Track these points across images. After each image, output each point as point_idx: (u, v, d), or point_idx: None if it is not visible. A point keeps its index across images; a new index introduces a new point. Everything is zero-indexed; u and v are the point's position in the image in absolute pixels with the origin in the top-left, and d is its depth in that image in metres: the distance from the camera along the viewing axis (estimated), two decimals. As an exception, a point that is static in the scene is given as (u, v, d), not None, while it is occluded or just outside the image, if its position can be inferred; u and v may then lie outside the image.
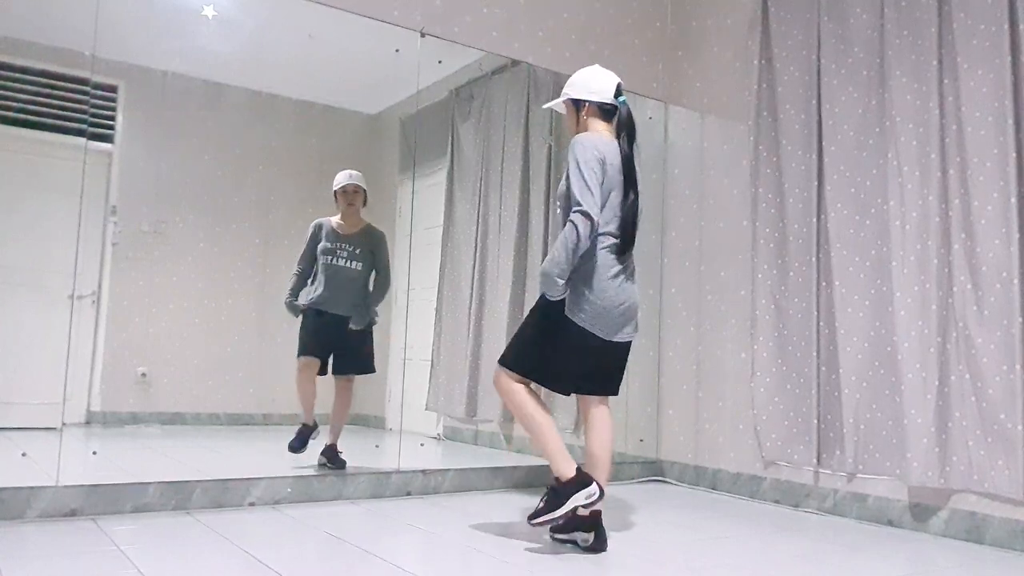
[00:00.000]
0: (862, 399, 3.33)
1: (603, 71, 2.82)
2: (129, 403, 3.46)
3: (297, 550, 2.44)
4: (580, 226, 2.51)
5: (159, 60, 3.49)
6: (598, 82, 2.79)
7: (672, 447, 4.23)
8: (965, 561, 2.68)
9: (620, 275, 2.66)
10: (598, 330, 2.62)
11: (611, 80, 2.79)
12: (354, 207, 3.66)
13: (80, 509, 2.78)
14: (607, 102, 2.77)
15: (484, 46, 3.90)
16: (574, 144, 2.64)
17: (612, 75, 2.81)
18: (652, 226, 4.43)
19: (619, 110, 2.76)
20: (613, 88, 2.77)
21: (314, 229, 3.62)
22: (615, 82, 2.79)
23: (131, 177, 3.48)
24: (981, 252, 2.98)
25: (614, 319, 2.64)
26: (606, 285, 2.62)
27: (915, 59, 3.24)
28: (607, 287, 2.62)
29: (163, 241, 3.56)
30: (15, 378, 3.20)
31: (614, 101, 2.76)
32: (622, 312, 2.65)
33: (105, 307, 3.43)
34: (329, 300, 3.56)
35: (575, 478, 2.53)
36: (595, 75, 2.81)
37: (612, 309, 2.62)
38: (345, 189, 3.64)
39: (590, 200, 2.54)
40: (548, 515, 2.52)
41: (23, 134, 3.30)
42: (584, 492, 2.50)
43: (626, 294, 2.67)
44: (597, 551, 2.59)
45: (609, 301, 2.62)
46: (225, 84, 3.64)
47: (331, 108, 3.99)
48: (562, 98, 2.85)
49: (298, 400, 3.51)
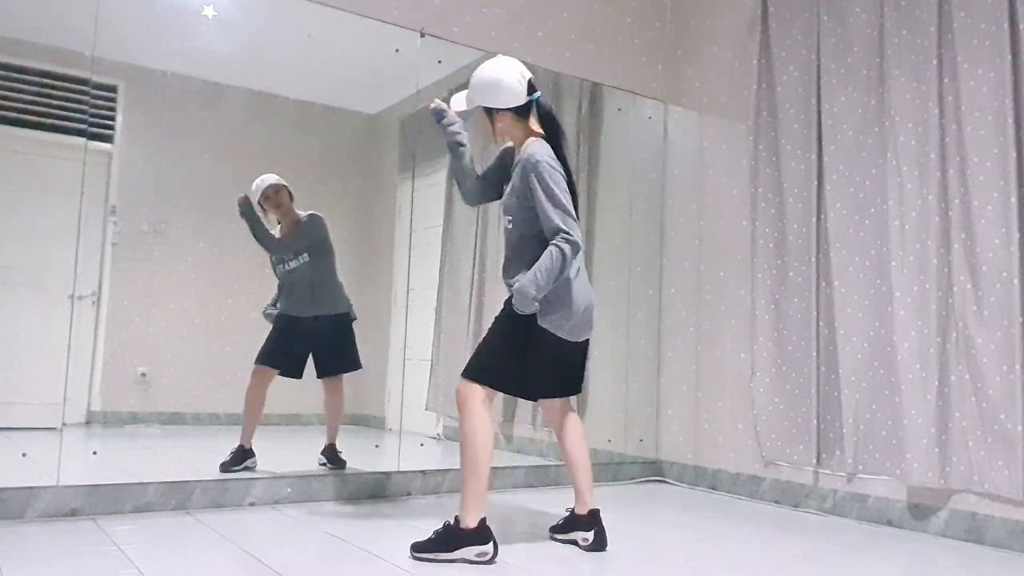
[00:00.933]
0: (862, 399, 3.33)
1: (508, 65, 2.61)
2: (129, 403, 3.46)
3: (297, 550, 2.44)
4: (568, 255, 2.46)
5: (159, 60, 3.49)
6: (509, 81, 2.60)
7: (672, 447, 4.23)
8: (965, 561, 2.68)
9: (579, 275, 2.63)
10: (569, 334, 2.59)
11: (520, 75, 2.61)
12: (283, 207, 3.54)
13: (80, 509, 2.78)
14: (521, 103, 2.62)
15: (484, 46, 3.90)
16: (532, 157, 2.52)
17: (516, 66, 2.62)
18: (652, 226, 4.43)
19: (540, 106, 2.66)
20: (524, 84, 2.61)
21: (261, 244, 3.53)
22: (525, 77, 2.62)
23: (131, 177, 3.48)
24: (981, 252, 2.98)
25: (582, 320, 2.62)
26: (574, 287, 2.59)
27: (915, 59, 3.24)
28: (574, 289, 2.59)
29: (163, 241, 3.55)
30: (15, 378, 3.20)
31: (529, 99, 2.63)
32: (587, 311, 2.63)
33: (105, 307, 3.42)
34: (296, 305, 3.52)
35: (476, 530, 2.39)
36: (502, 73, 2.60)
37: (580, 312, 2.60)
38: (267, 194, 3.51)
39: (573, 225, 2.48)
40: (433, 555, 2.39)
41: (23, 134, 3.30)
42: (478, 549, 2.37)
43: (588, 293, 2.64)
44: (597, 551, 2.59)
45: (577, 304, 2.59)
46: (225, 84, 3.63)
47: (331, 108, 3.98)
48: (484, 101, 2.63)
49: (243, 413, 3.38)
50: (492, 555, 2.38)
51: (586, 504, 2.67)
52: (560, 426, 2.76)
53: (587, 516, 2.64)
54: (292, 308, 3.53)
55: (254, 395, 3.41)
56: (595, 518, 2.64)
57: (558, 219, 2.47)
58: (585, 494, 2.68)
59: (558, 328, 2.56)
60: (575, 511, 2.70)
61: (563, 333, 2.58)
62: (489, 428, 2.49)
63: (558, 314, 2.56)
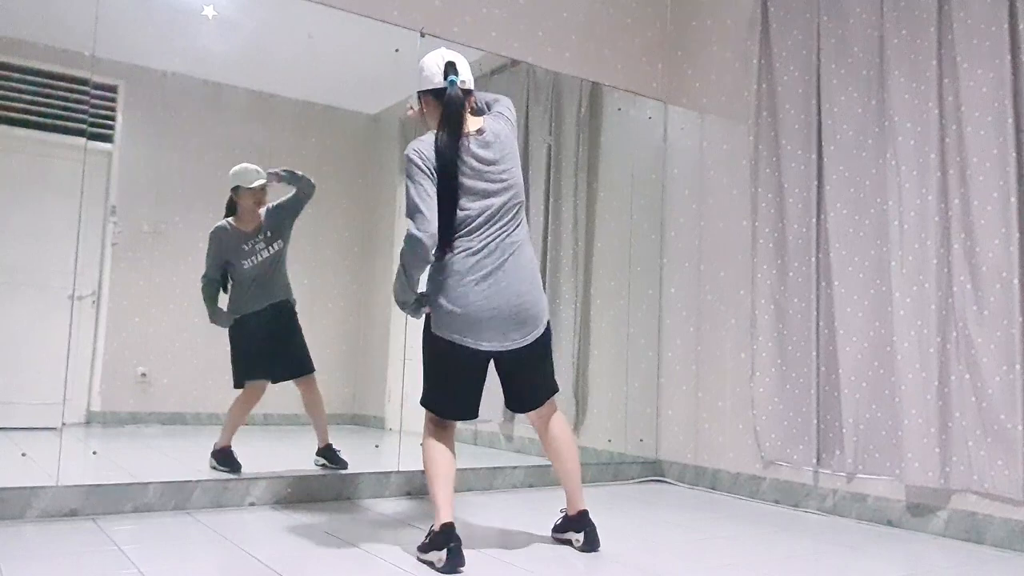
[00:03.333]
0: (861, 399, 3.33)
1: (437, 51, 2.53)
2: (129, 403, 3.46)
3: (297, 550, 2.44)
4: (407, 252, 2.37)
5: (159, 60, 3.49)
6: (428, 65, 2.52)
7: (672, 447, 4.23)
8: (965, 561, 2.68)
9: (489, 278, 2.43)
10: (463, 338, 2.42)
11: (440, 58, 2.50)
12: (261, 205, 3.44)
13: (80, 509, 2.78)
14: (436, 87, 2.49)
15: (484, 46, 3.90)
16: (405, 154, 2.46)
17: (444, 52, 2.53)
18: (651, 226, 4.43)
19: (450, 92, 2.46)
20: (442, 67, 2.49)
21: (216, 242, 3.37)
22: (445, 60, 2.49)
23: (131, 177, 3.48)
24: (981, 252, 2.98)
25: (477, 324, 2.41)
26: (465, 291, 2.41)
27: (915, 59, 3.24)
28: (467, 293, 2.41)
29: (163, 241, 3.55)
30: (15, 378, 3.20)
31: (443, 83, 2.47)
32: (494, 316, 2.42)
33: (105, 307, 3.43)
34: (258, 297, 3.41)
35: (436, 534, 2.30)
36: (427, 58, 2.53)
37: (471, 316, 2.40)
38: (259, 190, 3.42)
39: (421, 220, 2.36)
40: (423, 556, 2.34)
41: (23, 134, 3.30)
42: (437, 555, 2.26)
43: (493, 297, 2.42)
44: (589, 551, 2.58)
45: (467, 307, 2.40)
46: (225, 84, 3.64)
47: (331, 108, 3.99)
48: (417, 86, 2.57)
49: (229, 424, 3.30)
50: (444, 563, 2.25)
51: (575, 505, 2.64)
52: (544, 430, 2.63)
53: (577, 517, 2.63)
54: (256, 301, 3.40)
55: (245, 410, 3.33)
56: (584, 518, 2.60)
57: (406, 212, 2.40)
58: (573, 495, 2.62)
59: (443, 330, 2.43)
60: (567, 512, 2.69)
61: (455, 336, 2.42)
62: (433, 447, 2.45)
63: (440, 315, 2.43)
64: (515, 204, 2.52)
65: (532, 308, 2.49)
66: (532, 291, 2.49)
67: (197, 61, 3.56)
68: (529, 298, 2.48)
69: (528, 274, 2.50)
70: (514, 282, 2.45)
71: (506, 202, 2.49)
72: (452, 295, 2.42)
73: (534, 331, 2.50)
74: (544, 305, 2.55)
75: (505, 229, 2.48)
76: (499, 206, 2.47)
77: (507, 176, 2.50)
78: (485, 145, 2.48)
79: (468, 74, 2.56)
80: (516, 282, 2.46)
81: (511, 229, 2.49)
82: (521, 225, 2.54)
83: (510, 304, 2.44)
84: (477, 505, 3.31)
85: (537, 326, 2.51)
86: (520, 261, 2.49)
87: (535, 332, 2.51)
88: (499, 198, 2.47)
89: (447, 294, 2.42)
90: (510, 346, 2.46)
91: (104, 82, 3.34)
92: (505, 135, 2.53)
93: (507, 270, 2.45)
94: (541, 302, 2.53)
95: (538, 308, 2.51)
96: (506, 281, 2.44)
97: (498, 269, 2.44)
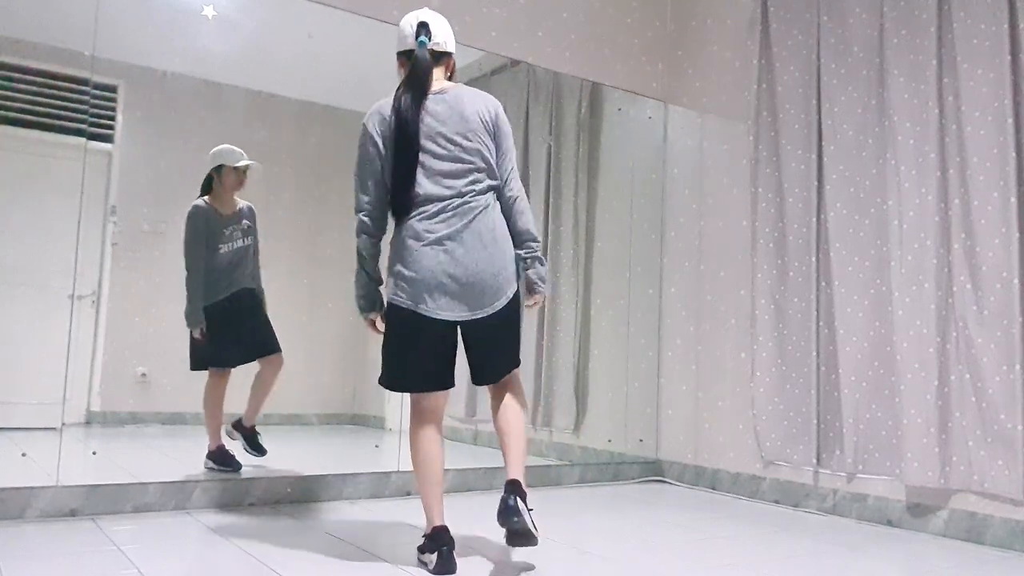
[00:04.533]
0: (861, 399, 3.33)
1: (415, 11, 2.44)
2: (129, 403, 3.46)
3: (297, 550, 2.44)
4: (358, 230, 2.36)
5: (159, 60, 3.49)
6: (403, 26, 2.42)
7: (672, 447, 4.23)
8: (965, 561, 2.68)
9: (444, 243, 2.30)
10: (415, 303, 2.29)
11: (415, 18, 2.40)
12: (241, 190, 3.45)
13: (80, 509, 2.78)
14: (408, 48, 2.40)
15: (484, 46, 3.90)
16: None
17: (421, 12, 2.43)
18: (652, 226, 4.43)
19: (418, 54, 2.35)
20: (415, 27, 2.38)
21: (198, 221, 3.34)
22: (419, 20, 2.39)
23: (131, 177, 3.48)
24: (981, 252, 2.98)
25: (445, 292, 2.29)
26: (419, 256, 2.30)
27: (915, 59, 3.24)
28: (420, 258, 2.29)
29: (163, 241, 3.55)
30: (15, 378, 3.20)
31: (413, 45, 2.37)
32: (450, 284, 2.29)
33: (105, 307, 3.42)
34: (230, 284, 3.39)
35: (430, 539, 2.29)
36: (403, 19, 2.44)
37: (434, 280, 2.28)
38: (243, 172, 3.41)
39: (357, 199, 2.35)
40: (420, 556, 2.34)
41: (23, 134, 3.30)
42: (430, 557, 2.26)
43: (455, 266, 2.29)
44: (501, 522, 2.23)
45: (427, 272, 2.28)
46: (225, 84, 3.64)
47: (331, 108, 3.98)
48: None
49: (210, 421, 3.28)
50: (435, 565, 2.23)
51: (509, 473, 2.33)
52: (497, 404, 2.42)
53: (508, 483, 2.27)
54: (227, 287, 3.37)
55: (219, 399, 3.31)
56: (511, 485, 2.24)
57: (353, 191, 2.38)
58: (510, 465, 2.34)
59: (400, 295, 2.31)
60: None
61: (410, 304, 2.29)
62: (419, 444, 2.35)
63: (397, 281, 2.32)
64: (473, 167, 2.36)
65: (492, 278, 2.32)
66: (493, 259, 2.32)
67: (197, 61, 3.56)
68: (488, 267, 2.31)
69: (488, 240, 2.33)
70: (472, 249, 2.30)
71: (465, 164, 2.35)
72: (407, 259, 2.31)
73: (495, 302, 2.33)
74: (509, 275, 2.36)
75: (463, 193, 2.34)
76: (456, 169, 2.34)
77: (464, 141, 2.35)
78: (442, 103, 2.36)
79: (445, 36, 2.44)
80: (474, 249, 2.30)
81: (470, 194, 2.35)
82: (484, 192, 2.37)
83: (468, 272, 2.29)
84: (477, 505, 3.31)
85: (499, 296, 2.33)
86: (479, 227, 2.32)
87: (496, 303, 2.33)
88: (457, 163, 2.34)
89: (403, 259, 2.32)
90: (468, 317, 2.31)
91: (104, 82, 3.34)
92: (470, 100, 2.39)
93: (464, 237, 2.30)
94: (504, 271, 2.35)
95: (499, 278, 2.33)
96: (463, 248, 2.30)
97: (456, 234, 2.30)
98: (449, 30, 2.47)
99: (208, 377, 3.33)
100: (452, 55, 2.49)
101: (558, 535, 2.81)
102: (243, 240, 3.43)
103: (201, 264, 3.35)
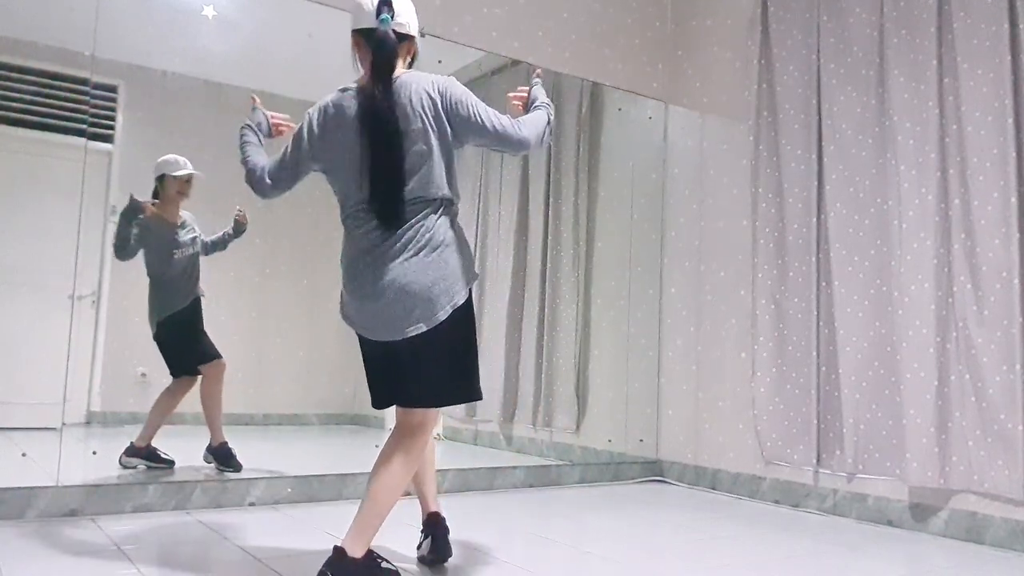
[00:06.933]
0: (862, 399, 3.33)
1: None
2: (129, 403, 3.46)
3: (297, 550, 2.44)
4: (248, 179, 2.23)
5: (159, 60, 3.49)
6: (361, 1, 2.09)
7: (672, 447, 4.23)
8: (965, 561, 2.68)
9: (367, 255, 2.02)
10: (353, 323, 2.11)
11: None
12: (185, 196, 3.42)
13: (80, 509, 2.78)
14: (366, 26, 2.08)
15: (484, 46, 3.90)
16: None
17: None
18: (652, 226, 4.43)
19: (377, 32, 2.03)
20: (374, 4, 2.06)
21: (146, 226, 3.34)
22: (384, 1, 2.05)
23: (131, 177, 3.48)
24: (981, 252, 2.98)
25: (356, 310, 2.06)
26: (345, 268, 2.09)
27: (915, 59, 3.24)
28: (346, 270, 2.09)
29: (163, 241, 3.55)
30: (15, 378, 3.20)
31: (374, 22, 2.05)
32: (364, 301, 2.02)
33: (105, 307, 3.43)
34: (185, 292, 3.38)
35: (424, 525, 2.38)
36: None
37: (354, 295, 2.06)
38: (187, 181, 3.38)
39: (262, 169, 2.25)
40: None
41: (23, 134, 3.30)
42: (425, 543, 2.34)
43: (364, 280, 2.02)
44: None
45: (348, 287, 2.08)
46: (225, 84, 3.64)
47: (331, 108, 3.98)
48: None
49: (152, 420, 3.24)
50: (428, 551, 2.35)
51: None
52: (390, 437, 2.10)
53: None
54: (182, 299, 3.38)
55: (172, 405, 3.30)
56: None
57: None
58: (351, 528, 2.00)
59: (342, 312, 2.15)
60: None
61: (348, 320, 2.12)
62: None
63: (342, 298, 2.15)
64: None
65: (404, 298, 1.98)
66: (407, 276, 1.98)
67: (197, 61, 3.56)
68: (400, 283, 1.98)
69: (408, 254, 2.00)
70: (382, 262, 2.00)
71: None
72: (342, 272, 2.12)
73: (411, 326, 1.99)
74: (432, 295, 1.99)
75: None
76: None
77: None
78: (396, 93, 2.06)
79: (409, 17, 2.13)
80: (382, 263, 2.00)
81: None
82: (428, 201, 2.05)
83: (376, 288, 2.00)
84: (477, 505, 3.31)
85: (413, 321, 1.99)
86: (397, 239, 2.00)
87: (412, 327, 1.99)
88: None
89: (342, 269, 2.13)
90: (385, 337, 2.02)
91: (104, 82, 3.34)
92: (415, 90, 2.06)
93: (380, 247, 2.01)
94: (425, 292, 1.99)
95: (414, 300, 1.98)
96: (370, 257, 2.02)
97: (371, 247, 2.02)
98: (413, 10, 2.16)
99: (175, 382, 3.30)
100: (415, 40, 2.19)
101: (558, 535, 2.81)
102: (191, 247, 3.42)
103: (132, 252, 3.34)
